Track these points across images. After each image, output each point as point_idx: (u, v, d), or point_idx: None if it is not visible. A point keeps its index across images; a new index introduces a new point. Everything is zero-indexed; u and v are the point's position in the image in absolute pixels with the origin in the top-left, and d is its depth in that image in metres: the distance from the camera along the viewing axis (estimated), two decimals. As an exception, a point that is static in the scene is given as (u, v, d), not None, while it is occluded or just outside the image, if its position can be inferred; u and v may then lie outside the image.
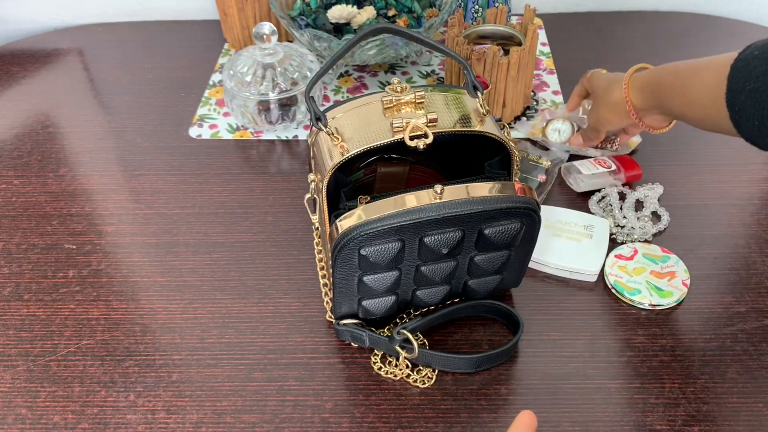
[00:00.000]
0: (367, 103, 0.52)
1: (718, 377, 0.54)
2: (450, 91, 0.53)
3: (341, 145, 0.49)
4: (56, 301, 0.62)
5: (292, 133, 0.79)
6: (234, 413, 0.53)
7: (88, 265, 0.65)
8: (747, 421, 0.51)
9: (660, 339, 0.57)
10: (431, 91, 0.53)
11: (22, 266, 0.65)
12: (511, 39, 0.79)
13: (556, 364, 0.55)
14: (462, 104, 0.52)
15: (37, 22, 1.01)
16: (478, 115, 0.51)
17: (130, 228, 0.68)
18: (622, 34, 0.94)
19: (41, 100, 0.86)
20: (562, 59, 0.90)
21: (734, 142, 0.75)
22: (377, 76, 0.88)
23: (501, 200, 0.48)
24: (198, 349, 0.57)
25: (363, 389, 0.54)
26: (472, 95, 0.53)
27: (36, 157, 0.77)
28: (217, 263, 0.64)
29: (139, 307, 0.61)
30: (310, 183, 0.53)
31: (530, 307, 0.59)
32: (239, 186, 0.72)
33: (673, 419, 0.52)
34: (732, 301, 0.60)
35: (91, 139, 0.79)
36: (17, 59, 0.93)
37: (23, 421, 0.53)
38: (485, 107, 0.51)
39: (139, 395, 0.54)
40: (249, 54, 0.78)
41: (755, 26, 0.94)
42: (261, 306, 0.61)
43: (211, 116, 0.82)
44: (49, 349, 0.58)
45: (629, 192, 0.69)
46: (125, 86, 0.88)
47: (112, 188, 0.73)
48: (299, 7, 0.85)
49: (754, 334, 0.57)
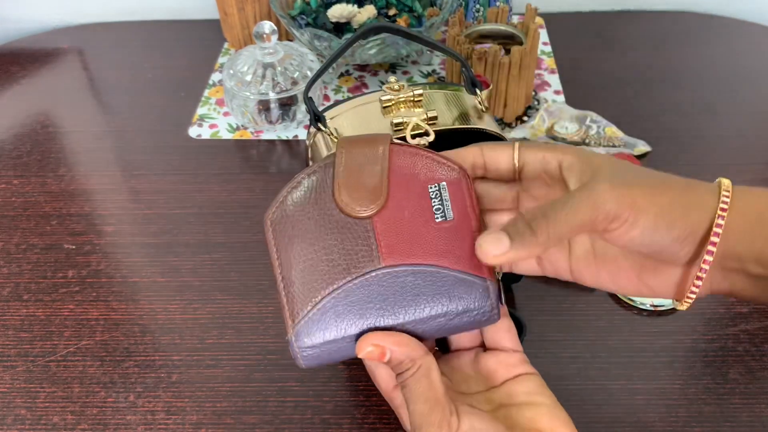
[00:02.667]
0: (366, 103, 0.52)
1: (720, 378, 0.54)
2: (448, 88, 0.53)
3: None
4: (56, 301, 0.61)
5: (292, 132, 0.79)
6: (234, 414, 0.53)
7: (88, 265, 0.65)
8: (749, 422, 0.51)
9: (661, 340, 0.57)
10: (429, 89, 0.53)
11: (21, 266, 0.65)
12: (513, 38, 0.78)
13: (557, 365, 0.55)
14: (461, 101, 0.52)
15: (37, 22, 1.01)
16: (476, 112, 0.51)
17: (129, 228, 0.68)
18: (624, 34, 0.94)
19: (40, 99, 0.86)
20: (563, 59, 0.89)
21: (736, 143, 0.76)
22: (378, 75, 0.87)
23: None
24: (198, 350, 0.57)
25: (364, 390, 0.54)
26: (470, 92, 0.52)
27: (35, 157, 0.77)
28: (217, 263, 0.64)
29: (139, 307, 0.61)
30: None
31: (531, 307, 0.59)
32: (239, 186, 0.72)
33: (675, 420, 0.51)
34: (734, 301, 0.59)
35: (91, 138, 0.79)
36: (16, 58, 0.93)
37: (22, 422, 0.53)
38: (484, 104, 0.51)
39: (138, 396, 0.54)
40: (249, 53, 0.78)
41: (757, 26, 0.94)
42: (261, 306, 0.60)
43: (211, 116, 0.82)
44: (49, 350, 0.58)
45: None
46: (125, 86, 0.87)
47: (112, 188, 0.73)
48: (299, 6, 0.84)
49: (757, 334, 0.57)
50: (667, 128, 0.77)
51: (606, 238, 0.34)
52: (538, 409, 0.37)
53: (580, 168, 0.35)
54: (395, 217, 0.37)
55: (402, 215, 0.37)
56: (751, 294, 0.35)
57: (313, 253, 0.37)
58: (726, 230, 0.33)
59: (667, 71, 0.86)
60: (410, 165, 0.38)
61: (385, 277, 0.36)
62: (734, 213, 0.33)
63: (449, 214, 0.37)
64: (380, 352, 0.35)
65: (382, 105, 0.50)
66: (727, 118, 0.79)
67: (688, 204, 0.33)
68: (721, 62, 0.87)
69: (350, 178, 0.37)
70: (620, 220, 0.33)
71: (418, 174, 0.38)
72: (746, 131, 0.77)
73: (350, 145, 0.38)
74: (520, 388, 0.39)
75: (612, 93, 0.83)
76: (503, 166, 0.38)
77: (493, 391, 0.39)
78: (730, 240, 0.33)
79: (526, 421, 0.37)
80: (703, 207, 0.33)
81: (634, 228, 0.33)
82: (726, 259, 0.33)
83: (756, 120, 0.78)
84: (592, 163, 0.35)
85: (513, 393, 0.39)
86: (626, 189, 0.33)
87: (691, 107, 0.80)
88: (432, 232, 0.37)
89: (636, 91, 0.83)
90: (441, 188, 0.37)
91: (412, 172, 0.38)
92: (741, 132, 0.77)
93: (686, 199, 0.33)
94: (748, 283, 0.34)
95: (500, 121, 0.79)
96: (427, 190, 0.37)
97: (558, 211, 0.33)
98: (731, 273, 0.34)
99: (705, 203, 0.33)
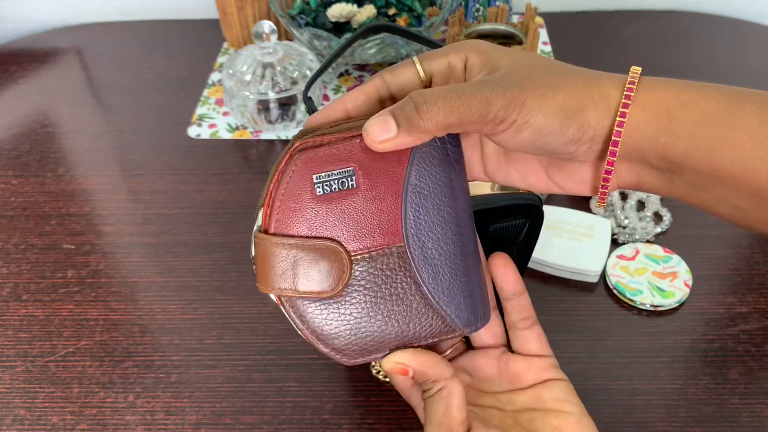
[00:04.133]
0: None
1: (720, 378, 0.54)
2: None
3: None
4: (55, 301, 0.61)
5: (291, 132, 0.79)
6: (233, 414, 0.53)
7: (87, 265, 0.64)
8: (749, 422, 0.51)
9: (661, 340, 0.57)
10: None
11: (20, 266, 0.65)
12: (512, 38, 0.78)
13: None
14: None
15: (36, 21, 1.01)
16: None
17: (128, 228, 0.68)
18: (624, 33, 0.94)
19: (40, 99, 0.86)
20: (563, 58, 0.89)
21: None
22: (377, 75, 0.87)
23: (504, 198, 0.48)
24: (197, 350, 0.57)
25: (363, 390, 0.54)
26: None
27: (34, 157, 0.77)
28: (216, 263, 0.64)
29: (138, 307, 0.61)
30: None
31: (531, 307, 0.59)
32: (239, 186, 0.72)
33: (675, 420, 0.51)
34: (734, 301, 0.59)
35: (90, 138, 0.79)
36: (16, 58, 0.93)
37: (22, 422, 0.53)
38: None
39: (138, 396, 0.54)
40: (248, 53, 0.77)
41: (757, 26, 0.94)
42: (260, 306, 0.60)
43: (210, 116, 0.82)
44: (48, 350, 0.58)
45: (631, 192, 0.69)
46: (124, 85, 0.87)
47: (111, 188, 0.73)
48: (299, 5, 0.84)
49: (757, 335, 0.57)
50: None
51: (496, 141, 0.32)
52: (566, 418, 0.37)
53: (479, 64, 0.33)
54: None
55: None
56: (658, 187, 0.33)
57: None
58: (629, 126, 0.31)
59: (667, 71, 0.86)
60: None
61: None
62: (638, 107, 0.31)
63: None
64: (403, 369, 0.35)
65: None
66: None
67: (586, 102, 0.31)
68: (721, 62, 0.87)
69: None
70: (508, 121, 0.31)
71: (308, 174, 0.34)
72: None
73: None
74: (548, 394, 0.38)
75: (612, 93, 0.83)
76: (412, 86, 0.35)
77: (519, 393, 0.39)
78: (633, 136, 0.31)
79: (551, 429, 0.36)
80: (604, 103, 0.31)
81: (522, 131, 0.31)
82: (631, 153, 0.32)
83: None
84: (491, 56, 0.33)
85: (541, 398, 0.38)
86: (519, 89, 0.31)
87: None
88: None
89: (636, 91, 0.83)
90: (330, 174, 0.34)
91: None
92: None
93: (584, 97, 0.31)
94: (654, 176, 0.33)
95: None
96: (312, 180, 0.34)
97: (451, 101, 0.30)
98: (637, 166, 0.33)
99: (607, 99, 0.31)
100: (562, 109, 0.31)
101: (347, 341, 0.35)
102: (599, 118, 0.31)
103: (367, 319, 0.35)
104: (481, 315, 0.37)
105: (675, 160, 0.31)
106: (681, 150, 0.30)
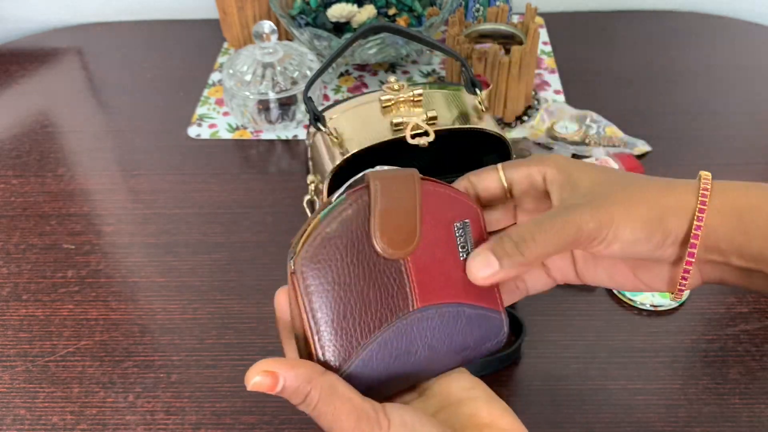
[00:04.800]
0: (365, 103, 0.52)
1: (720, 378, 0.54)
2: (448, 88, 0.53)
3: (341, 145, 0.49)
4: (55, 301, 0.61)
5: (291, 132, 0.79)
6: (233, 414, 0.53)
7: (87, 265, 0.65)
8: (749, 422, 0.51)
9: (661, 340, 0.57)
10: (429, 89, 0.52)
11: (20, 266, 0.65)
12: (513, 38, 0.78)
13: (557, 366, 0.55)
14: (460, 101, 0.52)
15: (36, 21, 1.01)
16: (476, 112, 0.51)
17: (129, 228, 0.68)
18: (624, 33, 0.94)
19: (40, 99, 0.86)
20: (563, 58, 0.89)
21: (736, 143, 0.75)
22: (377, 75, 0.87)
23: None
24: (197, 350, 0.57)
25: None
26: (470, 92, 0.52)
27: (34, 157, 0.77)
28: (216, 263, 0.64)
29: (138, 307, 0.61)
30: (309, 185, 0.52)
31: (530, 308, 0.59)
32: (239, 186, 0.72)
33: (675, 420, 0.51)
34: (734, 301, 0.59)
35: (90, 138, 0.79)
36: (16, 58, 0.93)
37: (22, 422, 0.53)
38: (484, 104, 0.51)
39: (138, 396, 0.54)
40: (248, 53, 0.78)
41: (758, 26, 0.94)
42: (261, 306, 0.60)
43: (211, 116, 0.82)
44: (48, 350, 0.58)
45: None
46: (124, 85, 0.87)
47: (111, 188, 0.73)
48: (299, 5, 0.84)
49: (757, 335, 0.57)
50: (667, 128, 0.77)
51: (591, 252, 0.36)
52: (475, 403, 0.36)
53: (559, 181, 0.37)
54: (427, 258, 0.36)
55: (433, 255, 0.36)
56: (742, 283, 0.36)
57: (349, 299, 0.35)
58: (706, 229, 0.34)
59: (667, 71, 0.86)
60: (436, 202, 0.37)
61: (419, 321, 0.36)
62: (713, 212, 0.34)
63: (471, 250, 0.37)
64: (272, 381, 0.32)
65: (381, 105, 0.50)
66: (727, 117, 0.79)
67: (665, 210, 0.35)
68: (721, 62, 0.87)
69: (388, 220, 0.36)
70: (599, 239, 0.34)
71: (443, 212, 0.37)
72: (746, 131, 0.77)
73: (384, 184, 0.36)
74: (453, 385, 0.37)
75: (612, 93, 0.83)
76: (493, 190, 0.39)
77: (427, 397, 0.38)
78: (711, 238, 0.34)
79: (466, 419, 0.35)
80: (682, 210, 0.35)
81: (613, 243, 0.35)
82: (710, 254, 0.35)
83: (756, 120, 0.78)
84: (571, 175, 0.37)
85: (450, 392, 0.37)
86: (605, 208, 0.34)
87: (691, 107, 0.80)
88: (457, 270, 0.37)
89: (636, 91, 0.83)
90: (465, 226, 0.37)
91: (439, 210, 0.37)
92: (741, 132, 0.77)
93: (664, 206, 0.35)
94: (735, 274, 0.36)
95: (500, 120, 0.78)
96: (452, 228, 0.37)
97: (545, 232, 0.34)
98: (719, 265, 0.36)
99: (684, 205, 0.35)
100: (646, 222, 0.34)
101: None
102: (679, 224, 0.35)
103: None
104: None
105: (753, 257, 0.34)
106: (757, 249, 0.34)
